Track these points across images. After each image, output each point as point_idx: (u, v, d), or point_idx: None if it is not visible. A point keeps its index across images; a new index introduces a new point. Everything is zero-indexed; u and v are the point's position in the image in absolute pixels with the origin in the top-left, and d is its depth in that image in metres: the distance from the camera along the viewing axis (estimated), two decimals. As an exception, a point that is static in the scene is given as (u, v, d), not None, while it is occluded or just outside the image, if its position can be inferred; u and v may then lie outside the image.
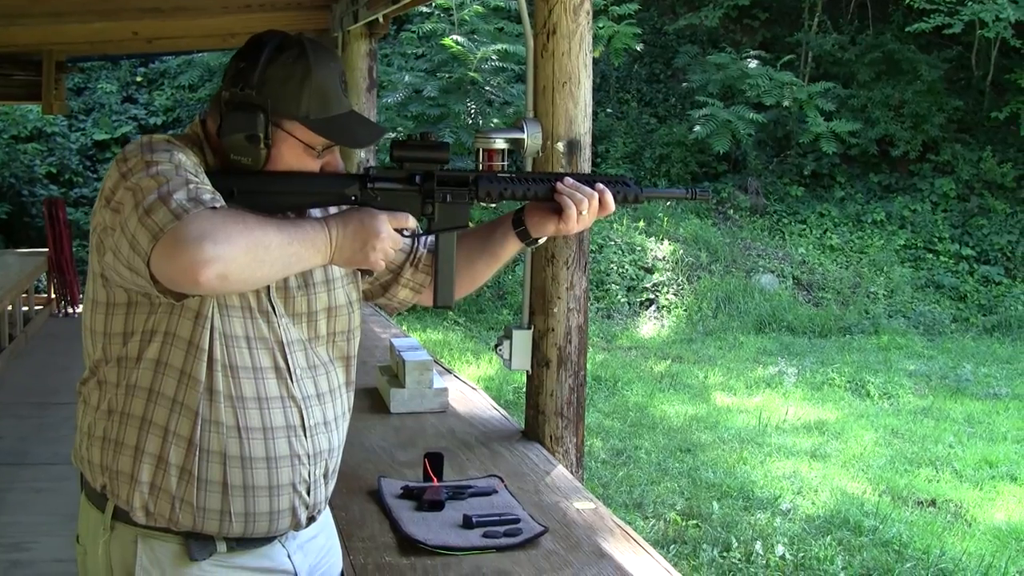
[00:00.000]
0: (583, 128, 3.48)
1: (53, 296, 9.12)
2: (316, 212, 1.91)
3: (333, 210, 1.90)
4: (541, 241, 2.09)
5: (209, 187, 1.67)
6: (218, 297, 1.77)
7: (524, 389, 3.83)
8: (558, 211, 1.98)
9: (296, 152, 1.83)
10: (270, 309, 1.85)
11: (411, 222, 1.87)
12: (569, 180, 1.98)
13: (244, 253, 1.58)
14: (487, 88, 13.03)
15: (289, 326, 1.89)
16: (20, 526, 4.51)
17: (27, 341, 7.80)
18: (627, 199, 2.04)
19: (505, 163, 2.21)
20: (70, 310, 8.99)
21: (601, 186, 2.00)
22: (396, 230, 1.83)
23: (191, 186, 1.62)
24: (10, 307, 7.36)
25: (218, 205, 1.62)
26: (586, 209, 1.96)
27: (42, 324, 8.53)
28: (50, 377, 6.81)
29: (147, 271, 1.60)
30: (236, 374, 1.80)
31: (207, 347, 1.77)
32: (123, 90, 15.02)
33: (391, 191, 1.88)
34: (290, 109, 1.79)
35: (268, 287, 1.84)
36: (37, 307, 8.81)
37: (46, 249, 9.16)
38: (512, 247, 2.09)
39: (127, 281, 1.71)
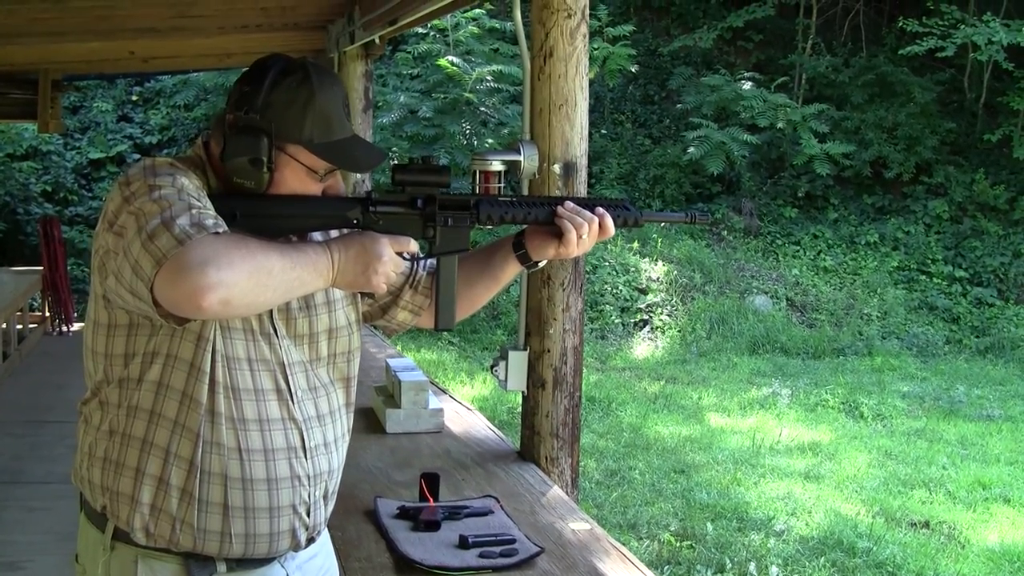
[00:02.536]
0: (579, 150, 3.50)
1: (47, 314, 9.10)
2: (318, 235, 1.93)
3: (334, 233, 1.92)
4: (541, 264, 2.10)
5: (212, 212, 1.68)
6: (220, 320, 1.77)
7: (518, 409, 3.84)
8: (558, 235, 1.99)
9: (299, 176, 1.84)
10: (272, 331, 1.86)
11: (413, 246, 1.89)
12: (569, 204, 2.00)
13: (247, 278, 1.59)
14: (482, 109, 13.07)
15: (290, 348, 1.90)
16: (15, 545, 4.48)
17: (21, 359, 7.79)
18: (627, 223, 2.06)
19: (501, 185, 2.22)
20: (64, 328, 8.97)
21: (601, 210, 2.01)
22: (397, 253, 1.85)
23: (194, 211, 1.63)
24: (4, 325, 7.35)
25: (221, 230, 1.63)
26: (586, 233, 1.97)
27: (36, 342, 8.51)
28: (45, 395, 6.79)
29: (150, 296, 1.61)
30: (238, 396, 1.81)
31: (209, 369, 1.78)
32: (119, 109, 15.02)
33: (393, 214, 1.89)
34: (293, 133, 1.80)
35: (270, 309, 1.85)
36: (32, 325, 8.79)
37: (41, 268, 9.14)
38: (512, 270, 2.10)
39: (129, 304, 1.72)
